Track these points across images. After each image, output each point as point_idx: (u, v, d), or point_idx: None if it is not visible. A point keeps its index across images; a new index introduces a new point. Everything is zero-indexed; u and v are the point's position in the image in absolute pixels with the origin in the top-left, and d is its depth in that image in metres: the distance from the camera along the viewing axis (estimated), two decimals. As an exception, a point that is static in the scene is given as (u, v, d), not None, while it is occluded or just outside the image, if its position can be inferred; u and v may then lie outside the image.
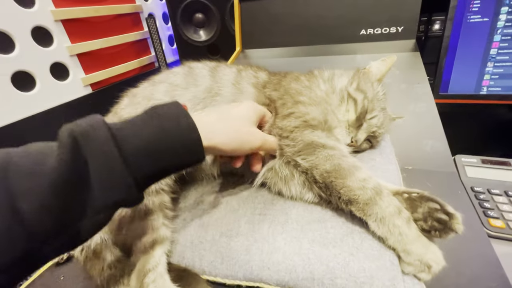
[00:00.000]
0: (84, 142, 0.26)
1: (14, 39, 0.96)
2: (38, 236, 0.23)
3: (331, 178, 0.37)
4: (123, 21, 1.39)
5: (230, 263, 0.37)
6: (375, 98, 0.48)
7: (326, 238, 0.37)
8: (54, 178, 0.24)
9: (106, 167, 0.26)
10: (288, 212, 0.41)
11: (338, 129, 0.46)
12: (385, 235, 0.35)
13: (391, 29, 0.91)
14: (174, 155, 0.30)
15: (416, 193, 0.38)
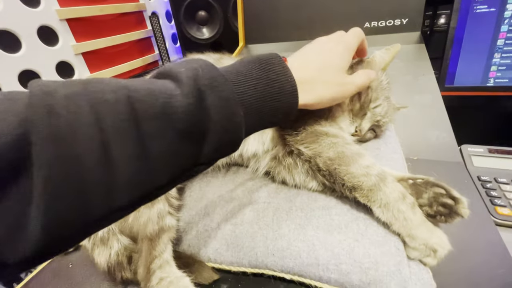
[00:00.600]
0: (209, 96, 0.26)
1: (21, 38, 0.98)
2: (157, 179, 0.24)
3: (334, 165, 0.37)
4: (127, 19, 1.41)
5: (235, 250, 0.37)
6: (379, 87, 0.48)
7: (330, 224, 0.37)
8: (181, 127, 0.24)
9: (228, 123, 0.27)
10: (293, 200, 0.41)
11: (341, 118, 0.46)
12: (389, 220, 0.35)
13: (396, 21, 0.90)
14: (273, 116, 0.31)
15: (421, 179, 0.38)
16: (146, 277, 0.36)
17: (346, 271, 0.34)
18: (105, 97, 0.22)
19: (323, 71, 0.37)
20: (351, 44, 0.41)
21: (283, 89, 0.31)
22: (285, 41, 1.01)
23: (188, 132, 0.25)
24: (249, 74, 0.30)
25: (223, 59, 0.55)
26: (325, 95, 0.37)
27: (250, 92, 0.29)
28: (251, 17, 1.04)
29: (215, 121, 0.26)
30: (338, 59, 0.38)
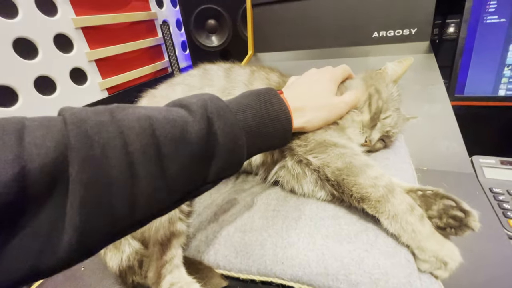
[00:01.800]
0: (217, 122, 0.30)
1: (38, 45, 1.02)
2: (171, 198, 0.28)
3: (342, 175, 0.38)
4: (139, 28, 1.44)
5: (244, 258, 0.38)
6: (390, 99, 0.48)
7: (340, 234, 0.37)
8: (194, 149, 0.28)
9: (233, 147, 0.31)
10: (302, 209, 0.41)
11: (351, 129, 0.46)
12: (398, 232, 0.35)
13: (404, 31, 0.91)
14: (271, 140, 0.37)
15: (430, 191, 0.38)
16: (156, 282, 0.36)
17: (356, 282, 0.34)
18: (131, 124, 0.25)
19: (314, 98, 0.42)
20: (336, 75, 0.47)
21: (279, 117, 0.37)
22: (294, 50, 1.03)
23: (200, 154, 0.29)
24: (249, 104, 0.36)
25: (234, 68, 0.57)
26: (318, 117, 0.42)
27: (250, 120, 0.34)
28: (260, 26, 1.06)
29: (221, 144, 0.30)
30: (326, 86, 0.44)
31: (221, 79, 0.53)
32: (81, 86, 1.18)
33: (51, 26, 1.06)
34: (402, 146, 0.53)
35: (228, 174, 0.34)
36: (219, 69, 0.56)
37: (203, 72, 0.56)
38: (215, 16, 1.49)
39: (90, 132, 0.23)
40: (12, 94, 0.95)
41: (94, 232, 0.23)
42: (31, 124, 0.22)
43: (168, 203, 0.28)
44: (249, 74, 0.54)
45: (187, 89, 0.53)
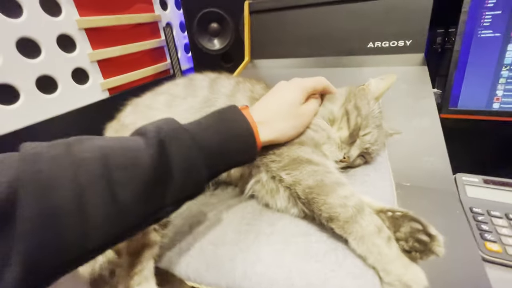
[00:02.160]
0: (170, 144, 0.30)
1: (41, 45, 1.02)
2: (126, 224, 0.28)
3: (313, 194, 0.37)
4: (142, 29, 1.44)
5: (214, 271, 0.37)
6: (370, 116, 0.47)
7: (309, 252, 0.36)
8: (146, 174, 0.28)
9: (189, 167, 0.31)
10: (275, 224, 0.41)
11: (327, 146, 0.45)
12: (364, 254, 0.34)
13: (399, 42, 0.89)
14: (237, 156, 0.37)
15: (400, 212, 0.37)
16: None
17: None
18: (83, 155, 0.26)
19: (279, 108, 0.42)
20: (305, 85, 0.45)
21: (241, 133, 0.37)
22: (290, 57, 1.01)
23: (154, 178, 0.29)
24: (208, 123, 0.36)
25: (220, 79, 0.56)
26: (286, 128, 0.42)
27: (210, 139, 0.34)
28: (257, 33, 1.05)
29: (176, 166, 0.30)
30: (291, 95, 0.43)
31: (205, 90, 0.53)
32: (82, 86, 1.18)
33: (54, 26, 1.06)
34: (384, 162, 0.52)
35: (190, 195, 0.33)
36: (205, 79, 0.56)
37: (188, 81, 0.56)
38: (217, 19, 1.48)
39: (42, 167, 0.23)
40: (13, 92, 0.96)
41: (42, 266, 0.23)
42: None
43: (124, 230, 0.28)
44: (233, 85, 0.53)
45: (170, 99, 0.52)
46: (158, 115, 0.50)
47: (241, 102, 0.50)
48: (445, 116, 0.88)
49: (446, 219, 0.47)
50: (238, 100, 0.50)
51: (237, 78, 0.57)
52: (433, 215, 0.47)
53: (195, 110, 0.50)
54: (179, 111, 0.50)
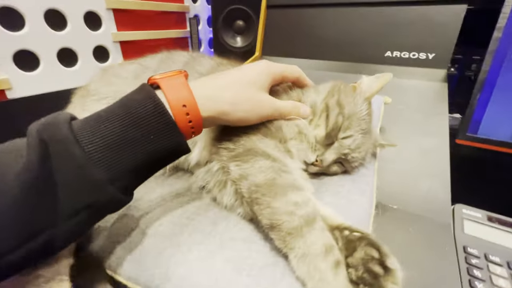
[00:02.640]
0: (50, 144, 0.24)
1: (67, 18, 1.03)
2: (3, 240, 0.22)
3: (257, 193, 0.30)
4: (169, 18, 1.44)
5: (136, 265, 0.31)
6: (354, 117, 0.39)
7: (244, 262, 0.30)
8: (22, 180, 0.23)
9: (72, 169, 0.24)
10: (218, 223, 0.34)
11: (295, 142, 0.38)
12: (303, 277, 0.27)
13: (421, 54, 0.79)
14: (145, 144, 0.27)
15: (358, 233, 0.29)
16: None
17: (241, 325, 0.26)
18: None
19: (231, 84, 0.34)
20: (273, 68, 0.38)
21: (142, 115, 0.27)
22: (301, 58, 0.94)
23: (31, 184, 0.23)
24: (107, 112, 0.28)
25: (201, 58, 0.51)
26: (233, 105, 0.33)
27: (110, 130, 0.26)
28: (272, 29, 0.99)
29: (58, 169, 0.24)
30: (251, 75, 0.36)
31: (179, 65, 0.47)
32: (101, 64, 1.19)
33: (83, 2, 1.07)
34: (368, 176, 0.44)
35: (91, 204, 0.25)
36: (185, 56, 0.51)
37: (167, 55, 0.51)
38: (243, 17, 1.44)
39: None
40: (35, 60, 0.98)
41: None
42: None
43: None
44: (212, 66, 0.48)
45: (140, 69, 0.48)
46: (120, 84, 0.46)
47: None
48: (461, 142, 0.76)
49: (429, 255, 0.38)
50: None
51: (223, 60, 0.51)
52: (415, 247, 0.38)
53: None
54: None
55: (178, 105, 0.29)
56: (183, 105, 0.29)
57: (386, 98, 0.63)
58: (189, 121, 0.30)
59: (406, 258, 0.37)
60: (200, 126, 0.31)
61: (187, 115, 0.30)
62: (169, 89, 0.29)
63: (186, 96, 0.30)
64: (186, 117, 0.30)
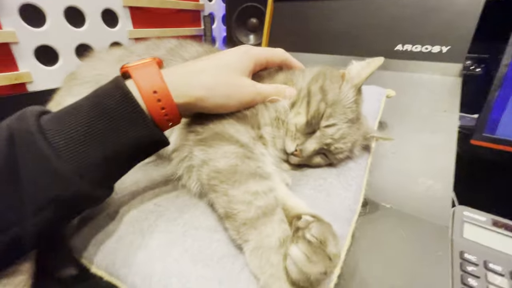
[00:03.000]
0: (17, 136, 0.24)
1: (86, 16, 1.07)
2: None
3: (216, 180, 0.27)
4: (184, 16, 1.45)
5: (99, 249, 0.30)
6: (339, 104, 0.35)
7: (202, 252, 0.27)
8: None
9: (35, 162, 0.23)
10: (185, 211, 0.32)
11: (270, 128, 0.35)
12: (255, 271, 0.24)
13: (434, 47, 0.72)
14: (114, 135, 0.26)
15: (312, 217, 0.25)
16: None
17: (189, 318, 0.24)
18: None
19: (209, 69, 0.32)
20: (254, 51, 0.36)
21: (110, 106, 0.26)
22: (308, 52, 0.90)
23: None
24: (78, 105, 0.27)
25: (190, 44, 0.49)
26: (210, 90, 0.31)
27: (68, 124, 0.25)
28: (278, 22, 0.96)
29: (22, 161, 0.23)
30: (231, 58, 0.34)
31: (164, 51, 0.46)
32: (117, 58, 1.21)
33: (101, 0, 1.10)
34: (357, 170, 0.40)
35: (55, 198, 0.24)
36: (173, 42, 0.49)
37: (156, 42, 0.50)
38: (257, 15, 1.42)
39: None
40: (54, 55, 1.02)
41: None
42: None
43: None
44: (200, 53, 0.45)
45: (125, 54, 0.47)
46: (103, 67, 0.45)
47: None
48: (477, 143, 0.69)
49: (420, 259, 0.34)
50: None
51: (212, 48, 0.49)
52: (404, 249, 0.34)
53: None
54: None
55: (148, 92, 0.27)
56: (154, 91, 0.28)
57: (389, 91, 0.58)
58: (162, 108, 0.28)
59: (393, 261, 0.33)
60: (175, 114, 0.29)
61: (158, 101, 0.28)
62: (139, 77, 0.28)
63: (157, 82, 0.28)
64: (158, 104, 0.28)
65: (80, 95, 0.44)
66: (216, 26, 1.64)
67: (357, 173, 0.39)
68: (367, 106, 0.43)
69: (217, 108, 0.32)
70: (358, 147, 0.39)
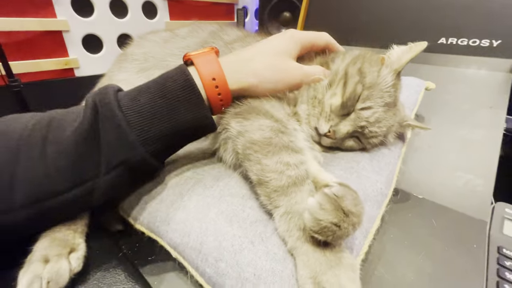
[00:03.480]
0: (100, 107, 0.29)
1: (129, 7, 1.15)
2: (54, 182, 0.26)
3: (251, 150, 0.30)
4: (219, 9, 1.50)
5: (142, 207, 0.34)
6: (376, 87, 0.36)
7: (237, 215, 0.30)
8: (76, 132, 0.27)
9: (112, 129, 0.28)
10: (220, 179, 0.35)
11: (305, 106, 0.36)
12: (284, 235, 0.26)
13: (483, 41, 0.69)
14: (175, 114, 0.30)
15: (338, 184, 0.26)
16: None
17: (223, 272, 0.27)
18: (36, 118, 0.29)
19: (259, 56, 0.35)
20: (300, 35, 0.38)
21: (173, 89, 0.30)
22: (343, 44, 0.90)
23: (83, 139, 0.27)
24: (147, 86, 0.31)
25: (229, 28, 0.52)
26: (262, 77, 0.34)
27: (138, 100, 0.29)
28: (314, 12, 0.96)
29: (102, 128, 0.28)
30: (279, 43, 0.36)
31: (206, 34, 0.49)
32: (154, 48, 1.29)
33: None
34: (390, 157, 0.40)
35: (124, 160, 0.28)
36: (215, 26, 0.52)
37: (198, 25, 0.53)
38: (290, 8, 1.43)
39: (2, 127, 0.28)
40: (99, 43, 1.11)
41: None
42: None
43: (49, 192, 0.26)
44: (239, 36, 0.48)
45: (171, 36, 0.50)
46: (150, 46, 0.49)
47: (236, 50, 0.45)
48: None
49: (452, 249, 0.33)
50: (233, 49, 0.45)
51: (251, 33, 0.52)
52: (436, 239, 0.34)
53: (190, 49, 0.46)
54: (172, 47, 0.48)
55: (208, 78, 0.31)
56: (213, 78, 0.32)
57: (428, 83, 0.57)
58: (218, 94, 0.32)
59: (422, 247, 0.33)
60: (228, 98, 0.33)
61: (216, 87, 0.32)
62: (201, 64, 0.32)
63: (216, 70, 0.32)
64: (215, 90, 0.32)
65: (128, 71, 0.49)
66: (248, 20, 1.67)
67: (390, 160, 0.40)
68: (404, 97, 0.43)
69: (267, 92, 0.35)
70: (393, 133, 0.40)
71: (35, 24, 0.91)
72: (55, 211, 0.28)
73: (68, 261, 0.27)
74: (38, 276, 0.24)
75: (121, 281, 0.29)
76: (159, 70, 0.46)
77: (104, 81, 0.52)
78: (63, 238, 0.28)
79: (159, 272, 0.31)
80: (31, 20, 0.90)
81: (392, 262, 0.32)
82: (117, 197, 0.35)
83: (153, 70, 0.47)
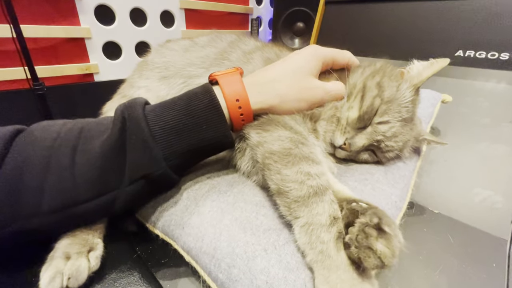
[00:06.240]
0: (128, 119, 0.30)
1: (148, 16, 1.20)
2: (80, 191, 0.28)
3: (270, 160, 0.30)
4: (233, 18, 1.54)
5: (156, 210, 0.35)
6: (395, 102, 0.36)
7: (250, 222, 0.30)
8: (105, 144, 0.29)
9: (138, 142, 0.29)
10: (234, 186, 0.35)
11: (323, 123, 0.37)
12: (304, 248, 0.26)
13: (502, 55, 0.68)
14: (198, 132, 0.31)
15: (366, 204, 0.26)
16: None
17: (235, 278, 0.27)
18: (68, 127, 0.30)
19: (282, 74, 0.35)
20: (322, 52, 0.38)
21: (198, 108, 0.31)
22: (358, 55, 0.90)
23: (110, 148, 0.29)
24: (172, 102, 0.32)
25: (248, 39, 0.53)
26: (284, 96, 0.35)
27: (163, 116, 0.31)
28: (328, 25, 0.97)
29: (129, 141, 0.29)
30: (301, 61, 0.36)
31: (225, 43, 0.51)
32: (170, 56, 1.33)
33: (161, 3, 1.23)
34: (405, 171, 0.40)
35: (148, 174, 0.30)
36: (233, 36, 0.54)
37: (216, 35, 0.55)
38: (304, 19, 1.45)
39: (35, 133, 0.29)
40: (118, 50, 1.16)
41: None
42: None
43: (74, 200, 0.27)
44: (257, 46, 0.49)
45: (190, 45, 0.52)
46: (170, 55, 0.51)
47: (255, 61, 0.46)
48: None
49: (470, 267, 0.33)
50: (252, 59, 0.46)
51: (268, 43, 0.53)
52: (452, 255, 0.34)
53: (210, 59, 0.48)
54: (192, 56, 0.49)
55: (232, 100, 0.33)
56: (237, 100, 0.33)
57: (445, 95, 0.56)
58: (241, 114, 0.34)
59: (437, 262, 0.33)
60: (250, 118, 0.34)
61: (239, 108, 0.33)
62: (226, 85, 0.33)
63: (239, 91, 0.33)
64: (238, 110, 0.33)
65: (149, 78, 0.50)
66: (262, 29, 1.70)
67: (405, 173, 0.39)
68: (420, 109, 0.43)
69: (288, 111, 0.36)
70: (409, 148, 0.39)
71: (60, 31, 0.96)
72: (78, 218, 0.29)
73: (88, 259, 0.28)
74: (60, 272, 0.25)
75: (136, 282, 0.29)
76: (180, 79, 0.48)
77: (125, 87, 0.54)
78: (83, 237, 0.30)
79: (172, 276, 0.32)
80: (57, 27, 0.95)
81: (408, 278, 0.31)
82: (136, 206, 0.36)
83: (173, 79, 0.49)
